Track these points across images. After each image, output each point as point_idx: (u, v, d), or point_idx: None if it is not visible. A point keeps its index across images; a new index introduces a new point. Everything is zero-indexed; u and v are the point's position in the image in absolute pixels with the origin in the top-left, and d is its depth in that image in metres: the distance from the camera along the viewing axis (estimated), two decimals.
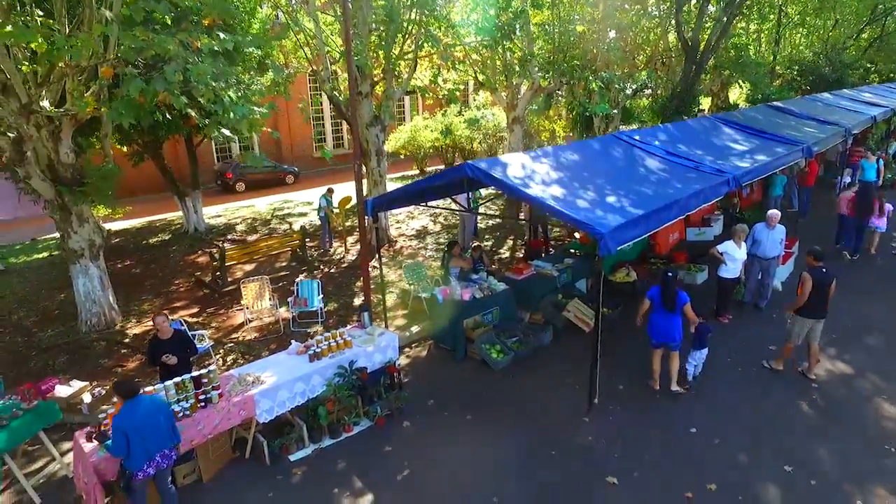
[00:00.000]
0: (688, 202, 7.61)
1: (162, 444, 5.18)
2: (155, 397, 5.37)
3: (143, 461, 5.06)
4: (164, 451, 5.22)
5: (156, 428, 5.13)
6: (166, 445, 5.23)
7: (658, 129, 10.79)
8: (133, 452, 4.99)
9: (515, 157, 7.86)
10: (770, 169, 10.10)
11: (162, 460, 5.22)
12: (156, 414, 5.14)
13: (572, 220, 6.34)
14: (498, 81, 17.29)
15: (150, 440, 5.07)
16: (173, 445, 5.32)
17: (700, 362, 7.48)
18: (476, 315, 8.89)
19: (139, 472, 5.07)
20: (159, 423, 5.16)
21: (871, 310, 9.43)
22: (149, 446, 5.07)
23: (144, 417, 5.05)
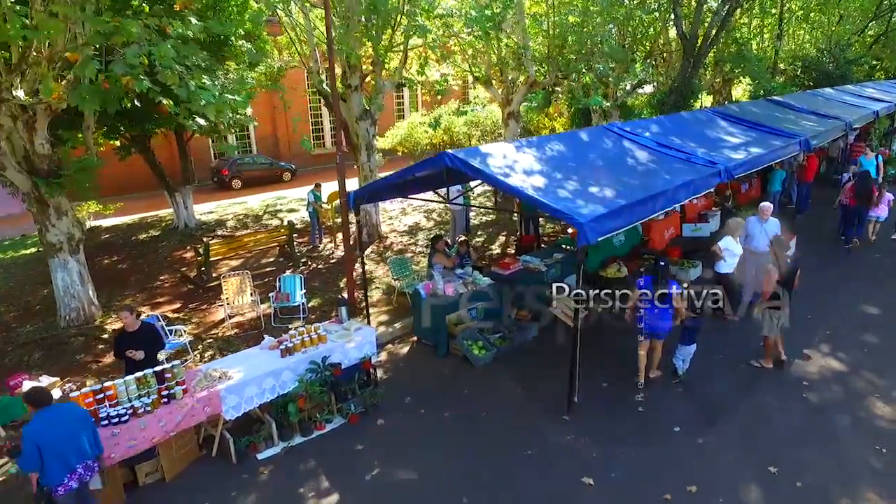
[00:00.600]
0: (676, 193, 7.36)
1: (84, 455, 4.82)
2: (72, 406, 5.07)
3: (62, 474, 4.68)
4: (87, 462, 4.86)
5: (73, 438, 4.75)
6: (89, 456, 4.86)
7: (651, 121, 10.53)
8: (48, 465, 4.61)
9: (498, 147, 7.61)
10: (765, 161, 9.84)
11: (85, 472, 4.86)
12: (72, 423, 4.79)
13: (551, 210, 6.09)
14: (493, 75, 17.07)
15: (67, 451, 4.69)
16: (96, 457, 4.97)
17: (688, 357, 7.22)
18: (460, 310, 8.65)
19: (59, 486, 4.69)
20: (77, 433, 4.78)
21: (867, 303, 9.14)
22: (67, 458, 4.70)
23: (59, 427, 4.69)
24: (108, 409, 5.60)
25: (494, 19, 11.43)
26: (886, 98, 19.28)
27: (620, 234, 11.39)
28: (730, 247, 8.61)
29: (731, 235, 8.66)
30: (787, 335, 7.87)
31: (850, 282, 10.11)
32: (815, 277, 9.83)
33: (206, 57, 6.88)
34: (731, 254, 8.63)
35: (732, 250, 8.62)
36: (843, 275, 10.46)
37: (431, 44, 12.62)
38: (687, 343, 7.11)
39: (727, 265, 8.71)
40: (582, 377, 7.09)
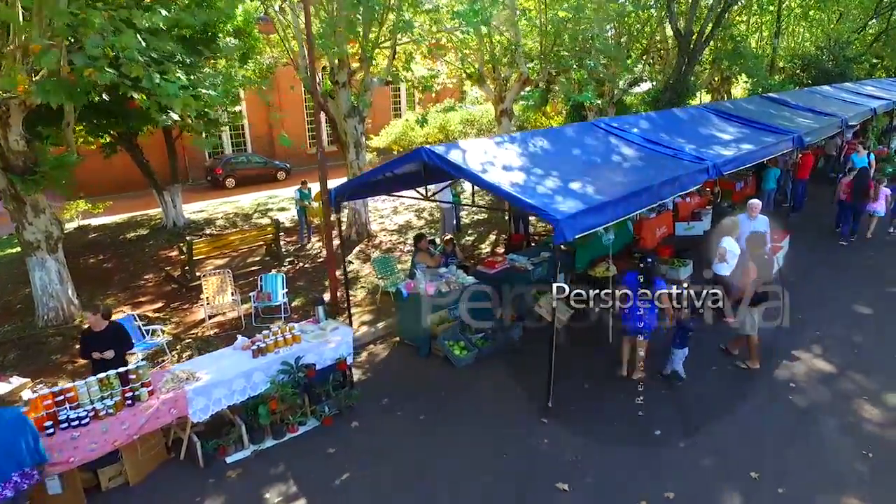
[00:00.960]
0: (661, 189, 7.17)
1: (21, 462, 4.63)
2: (6, 411, 4.87)
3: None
4: (24, 470, 4.66)
5: (8, 444, 4.58)
6: (26, 464, 4.67)
7: (640, 118, 10.34)
8: None
9: (479, 143, 7.44)
10: (756, 158, 9.63)
11: (22, 480, 4.66)
12: (6, 430, 4.61)
13: (528, 207, 5.91)
14: (486, 73, 16.89)
15: (1, 459, 4.53)
16: (35, 464, 4.77)
17: (681, 360, 7.01)
18: (442, 310, 8.46)
19: None
20: (12, 440, 4.60)
21: (859, 302, 8.94)
22: (1, 465, 4.53)
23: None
24: (69, 411, 5.42)
25: (482, 14, 11.22)
26: (884, 95, 19.06)
27: (610, 233, 11.20)
28: (730, 247, 8.39)
29: (729, 235, 8.44)
30: (777, 335, 7.70)
31: (844, 280, 9.92)
32: (808, 276, 9.66)
33: (179, 49, 6.69)
34: (732, 255, 8.40)
35: (733, 251, 8.40)
36: (837, 273, 10.27)
37: (418, 39, 12.43)
38: (680, 346, 6.90)
39: (728, 266, 8.47)
40: (564, 378, 6.94)
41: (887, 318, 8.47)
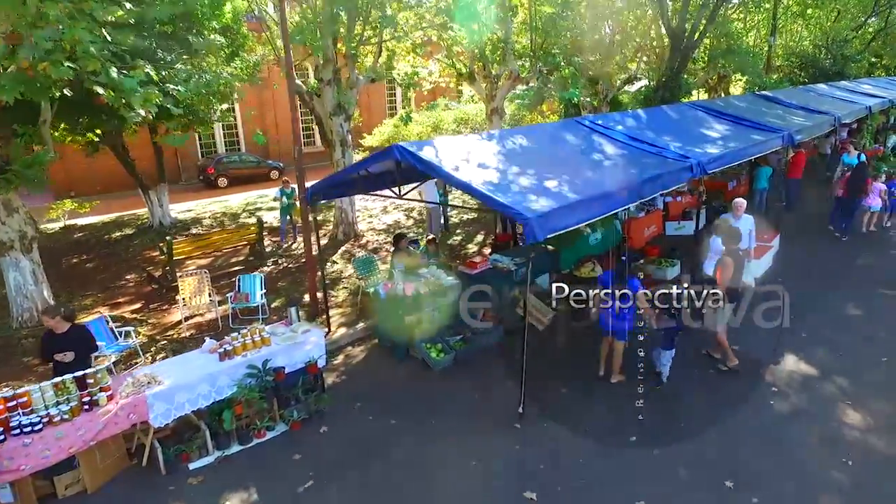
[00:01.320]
0: (642, 188, 6.98)
1: None
2: None
3: None
4: None
5: None
6: None
7: (626, 115, 10.16)
8: None
9: (456, 140, 7.28)
10: (744, 156, 9.45)
11: None
12: None
13: (498, 206, 5.74)
14: (477, 71, 16.70)
15: None
16: None
17: (668, 363, 6.81)
18: (421, 311, 8.27)
19: None
20: None
21: (849, 302, 8.75)
22: None
23: None
24: (21, 417, 5.25)
25: (470, 10, 11.04)
26: (881, 94, 18.84)
27: (597, 233, 11.09)
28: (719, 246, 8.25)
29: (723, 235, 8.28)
30: (763, 337, 7.52)
31: (835, 280, 9.72)
32: (798, 275, 9.45)
33: (146, 44, 6.51)
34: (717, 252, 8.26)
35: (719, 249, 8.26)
36: (828, 273, 10.07)
37: (401, 36, 12.24)
38: (667, 348, 6.71)
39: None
40: (543, 381, 6.79)
41: (876, 319, 8.27)
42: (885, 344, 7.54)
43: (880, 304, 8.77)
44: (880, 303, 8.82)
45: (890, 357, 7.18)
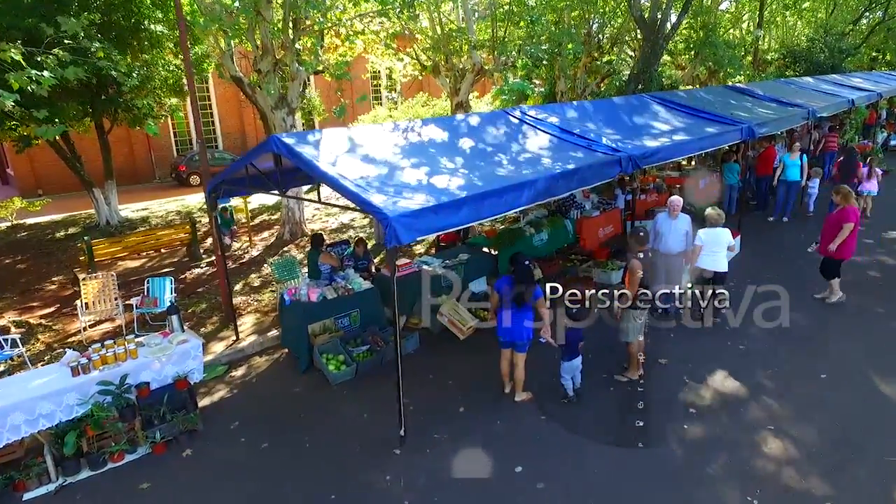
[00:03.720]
0: (554, 184, 6.27)
1: None
2: None
3: None
4: None
5: None
6: None
7: (569, 106, 9.42)
8: None
9: (352, 131, 6.58)
10: (689, 150, 8.73)
11: None
12: None
13: (361, 203, 5.06)
14: (439, 62, 16.01)
15: None
16: None
17: (575, 374, 6.12)
18: (326, 318, 7.60)
19: None
20: None
21: (802, 309, 7.99)
22: None
23: None
24: None
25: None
26: (869, 87, 17.98)
27: (542, 233, 10.39)
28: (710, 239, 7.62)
29: (714, 226, 7.65)
30: (694, 351, 6.82)
31: (792, 284, 8.91)
32: (753, 279, 8.66)
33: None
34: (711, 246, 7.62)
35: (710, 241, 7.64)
36: (786, 276, 9.25)
37: (335, 22, 11.56)
38: (569, 357, 6.01)
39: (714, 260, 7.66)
40: (442, 399, 6.15)
41: (829, 329, 7.53)
42: (831, 358, 6.81)
43: (837, 314, 8.02)
44: (837, 312, 8.06)
45: (830, 374, 6.45)
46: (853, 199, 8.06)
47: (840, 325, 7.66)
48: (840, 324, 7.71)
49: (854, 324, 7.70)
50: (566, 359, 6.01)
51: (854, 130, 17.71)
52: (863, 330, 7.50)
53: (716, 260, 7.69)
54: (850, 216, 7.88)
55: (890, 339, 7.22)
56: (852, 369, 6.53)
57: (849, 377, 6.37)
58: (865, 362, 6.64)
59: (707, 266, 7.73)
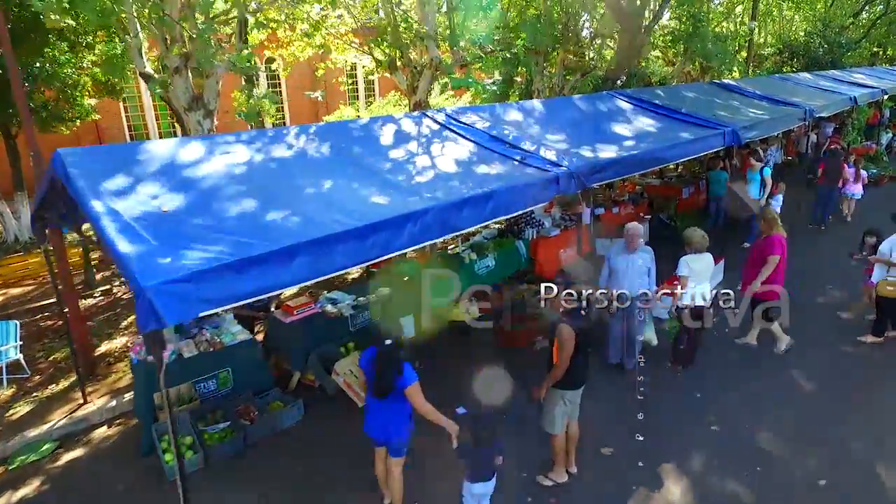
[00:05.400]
0: (449, 216, 4.53)
1: None
2: None
3: None
4: None
5: None
6: None
7: (510, 107, 7.74)
8: None
9: (175, 144, 4.86)
10: (656, 161, 6.99)
11: None
12: None
13: (114, 256, 3.33)
14: (393, 57, 14.32)
15: None
16: None
17: (485, 498, 4.34)
18: (183, 383, 5.89)
19: None
20: None
21: (796, 363, 6.29)
22: None
23: None
24: None
25: None
26: (872, 84, 16.27)
27: (487, 258, 8.69)
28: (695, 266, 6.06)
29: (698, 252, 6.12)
30: (651, 433, 5.12)
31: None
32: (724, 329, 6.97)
33: None
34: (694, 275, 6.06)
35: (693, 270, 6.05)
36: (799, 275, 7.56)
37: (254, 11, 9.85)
38: (476, 478, 4.21)
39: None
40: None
41: (835, 396, 5.83)
42: (830, 444, 5.11)
43: (847, 368, 6.34)
44: (847, 366, 6.38)
45: (831, 473, 4.75)
46: (778, 224, 6.40)
47: (840, 383, 5.97)
48: (840, 380, 6.02)
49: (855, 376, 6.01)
50: (472, 479, 4.23)
51: (856, 131, 16.00)
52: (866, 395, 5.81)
53: (703, 293, 6.09)
54: (774, 247, 6.30)
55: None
56: (860, 460, 4.84)
57: (852, 469, 4.68)
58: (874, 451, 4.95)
59: (688, 301, 6.11)
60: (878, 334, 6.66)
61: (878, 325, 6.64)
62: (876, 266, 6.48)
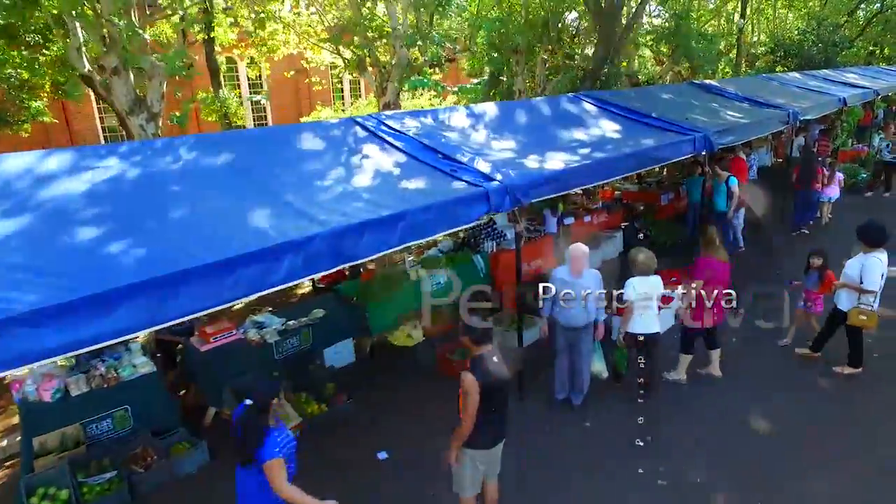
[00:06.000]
0: (339, 245, 3.85)
1: None
2: None
3: None
4: None
5: None
6: None
7: (452, 110, 7.07)
8: None
9: (30, 157, 4.20)
10: (609, 173, 6.33)
11: None
12: None
13: None
14: (363, 56, 13.69)
15: None
16: None
17: None
18: (70, 425, 5.22)
19: None
20: None
21: (760, 407, 5.62)
22: None
23: None
24: None
25: None
26: (865, 84, 15.59)
27: (439, 275, 8.01)
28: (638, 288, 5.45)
29: (644, 274, 5.52)
30: (579, 493, 4.46)
31: (754, 358, 6.58)
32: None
33: None
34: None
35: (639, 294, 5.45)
36: (748, 346, 6.86)
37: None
38: None
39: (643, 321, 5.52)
40: None
41: (799, 443, 5.16)
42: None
43: (816, 412, 5.66)
44: (815, 411, 5.70)
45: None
46: (715, 247, 5.74)
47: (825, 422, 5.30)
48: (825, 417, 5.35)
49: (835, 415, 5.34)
50: None
51: (847, 133, 15.32)
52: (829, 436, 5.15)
53: (647, 320, 5.48)
54: (696, 270, 5.70)
55: None
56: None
57: None
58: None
59: (637, 329, 5.48)
60: (856, 365, 6.00)
61: (856, 355, 5.98)
62: (843, 292, 5.78)
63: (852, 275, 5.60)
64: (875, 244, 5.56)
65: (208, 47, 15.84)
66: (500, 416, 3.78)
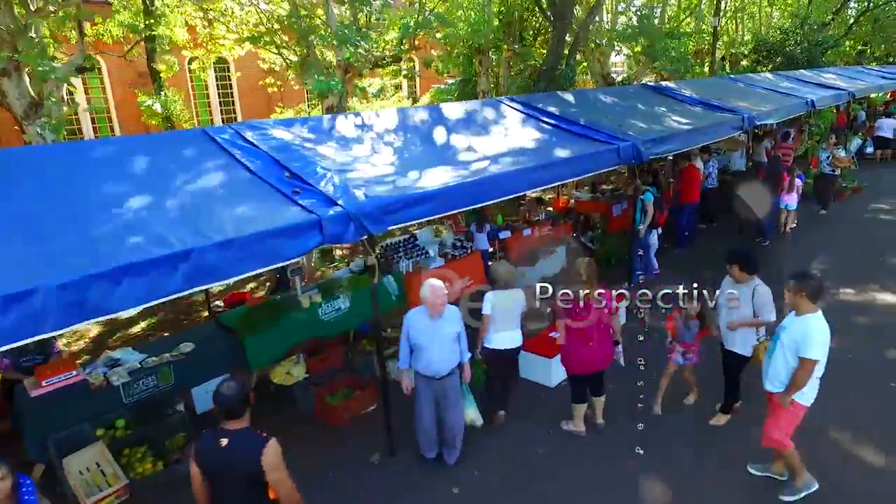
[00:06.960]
0: (80, 298, 3.05)
1: None
2: None
3: None
4: None
5: None
6: None
7: (334, 117, 6.26)
8: None
9: None
10: (497, 192, 5.51)
11: None
12: None
13: None
14: (303, 56, 12.90)
15: None
16: None
17: None
18: None
19: None
20: None
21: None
22: None
23: None
24: None
25: None
26: (841, 85, 14.81)
27: (337, 300, 7.18)
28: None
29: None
30: None
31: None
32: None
33: None
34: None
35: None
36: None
37: None
38: None
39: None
40: None
41: None
42: None
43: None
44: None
45: None
46: (588, 279, 4.76)
47: None
48: None
49: None
50: None
51: (817, 137, 14.51)
52: None
53: (513, 335, 5.03)
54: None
55: None
56: None
57: None
58: None
59: (501, 345, 5.02)
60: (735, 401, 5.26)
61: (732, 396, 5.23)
62: (738, 333, 4.90)
63: (747, 314, 4.77)
64: (755, 271, 4.82)
65: (149, 48, 15.05)
66: None
